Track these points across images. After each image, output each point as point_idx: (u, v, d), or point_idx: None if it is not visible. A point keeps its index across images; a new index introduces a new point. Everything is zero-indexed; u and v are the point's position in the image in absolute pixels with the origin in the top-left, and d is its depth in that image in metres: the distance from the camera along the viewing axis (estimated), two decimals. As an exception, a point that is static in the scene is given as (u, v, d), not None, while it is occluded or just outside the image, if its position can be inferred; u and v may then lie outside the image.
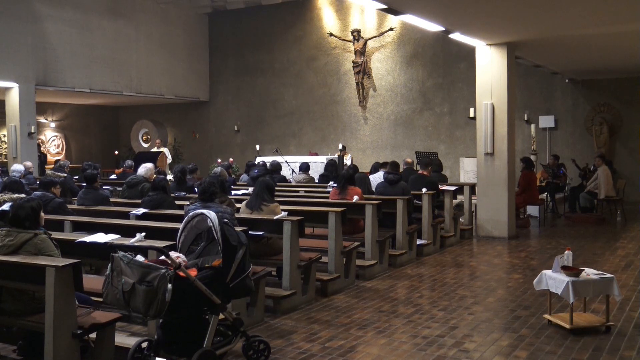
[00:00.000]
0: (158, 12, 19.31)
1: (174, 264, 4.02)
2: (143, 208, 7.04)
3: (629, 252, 9.10)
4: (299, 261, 6.23)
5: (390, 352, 4.92)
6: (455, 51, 16.41)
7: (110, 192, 10.07)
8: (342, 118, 18.84)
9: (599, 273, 5.45)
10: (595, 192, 12.78)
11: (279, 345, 5.08)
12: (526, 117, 16.32)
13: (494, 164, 10.57)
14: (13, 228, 4.46)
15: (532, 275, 6.84)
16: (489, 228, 10.68)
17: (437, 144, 17.37)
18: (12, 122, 15.45)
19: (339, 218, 6.89)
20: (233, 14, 20.38)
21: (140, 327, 5.43)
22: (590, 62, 13.39)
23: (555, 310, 5.80)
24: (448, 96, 17.30)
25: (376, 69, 18.22)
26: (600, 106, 15.95)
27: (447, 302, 6.42)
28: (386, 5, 7.71)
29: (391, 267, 8.14)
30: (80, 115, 22.14)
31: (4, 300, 4.48)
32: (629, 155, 15.51)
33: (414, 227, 8.79)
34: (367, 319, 5.82)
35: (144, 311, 3.95)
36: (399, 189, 8.74)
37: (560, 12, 8.47)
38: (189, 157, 20.22)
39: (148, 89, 19.00)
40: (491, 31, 9.83)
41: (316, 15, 19.11)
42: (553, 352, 4.88)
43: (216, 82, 21.02)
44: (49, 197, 7.06)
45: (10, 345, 4.96)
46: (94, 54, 17.23)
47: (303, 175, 11.54)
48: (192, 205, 5.91)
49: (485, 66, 10.63)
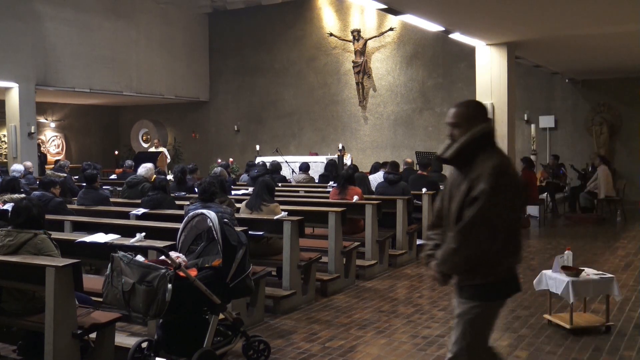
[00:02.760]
0: (158, 12, 19.30)
1: (174, 264, 4.02)
2: (143, 208, 7.04)
3: (629, 252, 9.09)
4: (299, 261, 6.23)
5: (390, 352, 4.92)
6: (455, 51, 16.39)
7: (110, 192, 10.07)
8: (342, 118, 18.83)
9: (599, 273, 5.46)
10: (595, 192, 12.78)
11: (279, 345, 5.08)
12: (526, 117, 16.32)
13: (494, 164, 10.54)
14: (13, 228, 4.46)
15: (532, 275, 6.84)
16: (489, 228, 10.64)
17: (437, 144, 17.34)
18: (12, 122, 15.44)
19: (339, 218, 6.89)
20: (233, 14, 20.38)
21: (140, 327, 5.42)
22: (590, 62, 13.38)
23: (555, 310, 5.80)
24: (448, 96, 17.28)
25: (376, 69, 18.22)
26: (600, 106, 15.95)
27: (447, 302, 6.41)
28: (386, 5, 7.72)
29: (391, 267, 8.14)
30: (80, 115, 22.13)
31: (4, 300, 4.48)
32: (629, 155, 15.51)
33: (414, 227, 8.79)
34: (367, 319, 5.82)
35: (144, 311, 3.95)
36: (398, 189, 8.74)
37: (560, 12, 8.48)
38: (188, 157, 20.21)
39: (148, 89, 19.00)
40: (491, 31, 9.84)
41: (316, 15, 19.11)
42: (553, 352, 4.88)
43: (216, 82, 21.01)
44: (49, 197, 7.07)
45: (10, 345, 4.96)
46: (94, 54, 17.22)
47: (303, 175, 11.54)
48: (192, 205, 5.91)
49: (485, 66, 10.63)
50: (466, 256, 2.96)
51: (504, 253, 3.00)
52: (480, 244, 2.91)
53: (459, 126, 3.07)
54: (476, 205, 2.90)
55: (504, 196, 2.91)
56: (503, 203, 2.91)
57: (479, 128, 3.04)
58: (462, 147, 3.03)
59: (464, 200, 2.98)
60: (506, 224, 2.93)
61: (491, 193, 2.88)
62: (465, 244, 2.93)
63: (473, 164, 3.01)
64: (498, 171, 2.92)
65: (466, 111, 3.10)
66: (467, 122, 3.06)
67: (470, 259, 2.97)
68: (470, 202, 2.95)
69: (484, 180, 2.91)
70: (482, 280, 3.02)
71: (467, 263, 2.99)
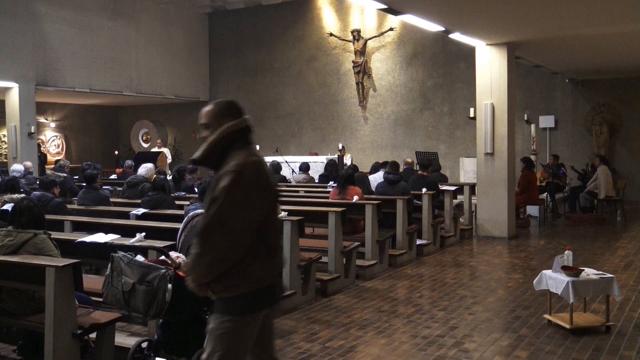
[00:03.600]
0: (158, 12, 19.31)
1: (174, 264, 4.02)
2: (143, 208, 7.04)
3: (629, 252, 9.09)
4: (299, 261, 6.23)
5: (390, 352, 4.92)
6: (455, 51, 16.40)
7: (110, 192, 10.08)
8: (342, 118, 18.84)
9: (599, 273, 5.45)
10: (595, 192, 12.78)
11: (279, 345, 5.07)
12: (526, 117, 16.32)
13: (494, 164, 10.57)
14: (13, 228, 4.46)
15: (532, 275, 6.84)
16: (489, 228, 10.68)
17: (437, 144, 17.37)
18: (12, 122, 15.45)
19: (339, 218, 6.89)
20: (233, 14, 20.38)
21: (140, 327, 5.42)
22: (590, 62, 13.39)
23: (555, 310, 5.80)
24: (448, 96, 17.29)
25: (376, 69, 18.22)
26: (600, 106, 15.95)
27: (447, 302, 6.42)
28: (386, 5, 7.71)
29: (391, 267, 8.14)
30: (80, 115, 22.14)
31: (4, 300, 4.48)
32: (629, 155, 15.51)
33: (414, 227, 8.80)
34: (367, 319, 5.82)
35: (144, 311, 3.95)
36: (398, 189, 8.74)
37: (560, 12, 8.48)
38: (189, 157, 20.15)
39: (148, 89, 19.00)
40: (491, 31, 9.83)
41: (316, 15, 19.11)
42: (553, 352, 4.88)
43: (216, 82, 21.01)
44: (49, 197, 7.07)
45: (10, 345, 4.96)
46: (94, 54, 17.23)
47: (303, 175, 11.55)
48: (192, 205, 5.90)
49: (485, 66, 10.63)
50: (208, 263, 2.71)
51: (252, 260, 2.78)
52: (219, 248, 2.69)
53: (209, 126, 2.90)
54: (213, 206, 2.71)
55: (242, 196, 2.71)
56: (242, 204, 2.70)
57: (226, 126, 2.86)
58: (210, 147, 2.85)
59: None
60: (248, 227, 2.72)
61: (228, 193, 2.69)
62: (206, 248, 2.70)
63: (225, 164, 2.82)
64: (239, 170, 2.73)
65: (215, 110, 2.93)
66: (217, 121, 2.89)
67: (212, 266, 2.72)
68: (209, 203, 2.75)
69: (223, 180, 2.74)
70: (231, 293, 2.79)
71: (210, 270, 2.74)
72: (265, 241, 2.83)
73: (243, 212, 2.70)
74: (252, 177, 2.76)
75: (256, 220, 2.76)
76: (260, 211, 2.79)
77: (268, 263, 2.85)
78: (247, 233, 2.73)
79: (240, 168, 2.75)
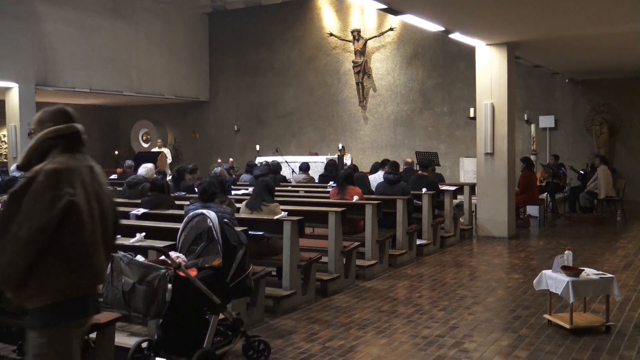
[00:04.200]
0: (158, 12, 19.31)
1: (174, 264, 4.02)
2: (143, 208, 7.04)
3: (629, 252, 9.10)
4: (299, 261, 6.23)
5: (390, 352, 4.92)
6: (455, 51, 16.40)
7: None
8: (342, 118, 18.83)
9: (599, 273, 5.46)
10: (595, 192, 12.78)
11: (279, 345, 5.08)
12: (526, 117, 16.32)
13: (494, 164, 10.57)
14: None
15: (532, 275, 6.84)
16: (489, 228, 10.68)
17: (437, 144, 17.37)
18: (12, 122, 15.45)
19: (339, 218, 6.89)
20: (233, 14, 20.38)
21: (140, 327, 5.42)
22: (590, 62, 13.39)
23: (555, 310, 5.80)
24: (448, 96, 17.29)
25: (376, 69, 18.22)
26: (600, 106, 15.95)
27: (447, 302, 6.42)
28: (386, 5, 7.71)
29: (391, 267, 8.14)
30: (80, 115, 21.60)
31: (4, 300, 4.47)
32: (629, 155, 15.52)
33: (414, 227, 8.80)
34: (367, 319, 5.82)
35: (144, 311, 3.95)
36: (398, 189, 8.74)
37: (560, 12, 8.48)
38: (189, 157, 20.21)
39: (148, 89, 19.00)
40: (491, 31, 9.84)
41: (316, 15, 19.11)
42: (553, 352, 4.88)
43: (216, 82, 21.02)
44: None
45: (10, 345, 4.96)
46: (94, 54, 17.22)
47: (303, 175, 11.55)
48: (192, 205, 5.91)
49: (485, 66, 10.63)
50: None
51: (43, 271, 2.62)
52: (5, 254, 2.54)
53: (35, 133, 2.85)
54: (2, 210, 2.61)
55: (28, 204, 2.56)
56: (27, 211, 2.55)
57: (44, 132, 2.79)
58: (30, 152, 2.76)
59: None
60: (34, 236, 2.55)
61: (13, 199, 2.58)
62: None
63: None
64: (32, 176, 2.61)
65: (39, 117, 2.89)
66: (41, 127, 2.83)
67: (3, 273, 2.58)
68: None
69: (15, 185, 2.65)
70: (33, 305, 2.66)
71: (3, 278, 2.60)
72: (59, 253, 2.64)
73: (29, 221, 2.54)
74: (45, 184, 2.60)
75: (46, 229, 2.58)
76: (51, 221, 2.58)
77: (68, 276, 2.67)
78: (34, 242, 2.56)
79: (34, 174, 2.63)
